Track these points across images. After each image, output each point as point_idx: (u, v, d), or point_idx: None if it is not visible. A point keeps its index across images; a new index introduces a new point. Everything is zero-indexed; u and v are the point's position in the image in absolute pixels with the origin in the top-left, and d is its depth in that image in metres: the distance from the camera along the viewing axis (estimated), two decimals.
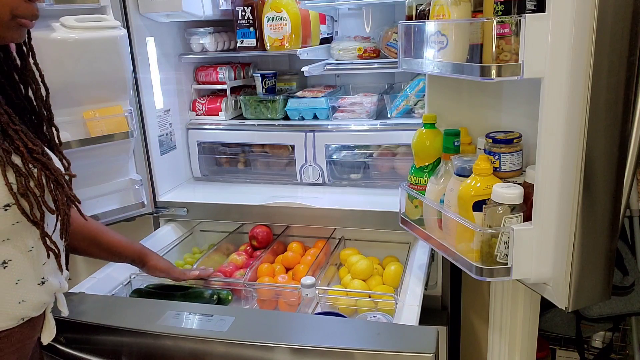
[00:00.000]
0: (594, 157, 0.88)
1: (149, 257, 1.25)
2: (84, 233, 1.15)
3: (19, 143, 0.81)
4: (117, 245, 1.20)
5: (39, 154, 0.83)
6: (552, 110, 0.88)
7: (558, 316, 1.85)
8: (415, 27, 1.10)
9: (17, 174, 0.78)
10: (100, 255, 1.21)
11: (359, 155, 1.73)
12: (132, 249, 1.23)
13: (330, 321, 1.04)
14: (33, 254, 0.84)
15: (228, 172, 1.88)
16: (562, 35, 0.85)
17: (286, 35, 1.67)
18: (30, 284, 0.85)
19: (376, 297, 1.28)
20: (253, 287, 1.31)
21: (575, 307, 0.96)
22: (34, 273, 0.85)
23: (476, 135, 1.17)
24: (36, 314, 0.88)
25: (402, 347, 0.87)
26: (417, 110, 1.66)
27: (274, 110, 1.79)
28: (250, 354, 0.92)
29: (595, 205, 0.90)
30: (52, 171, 0.84)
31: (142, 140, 1.61)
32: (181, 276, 1.26)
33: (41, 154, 0.83)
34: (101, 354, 0.98)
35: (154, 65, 1.65)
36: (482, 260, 0.98)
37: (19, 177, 0.78)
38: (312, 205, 1.54)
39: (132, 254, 1.23)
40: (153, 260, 1.25)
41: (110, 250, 1.20)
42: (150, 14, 1.57)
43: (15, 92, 0.93)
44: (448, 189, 1.08)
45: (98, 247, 1.18)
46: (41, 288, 0.87)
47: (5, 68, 0.92)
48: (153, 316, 1.00)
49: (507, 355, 1.29)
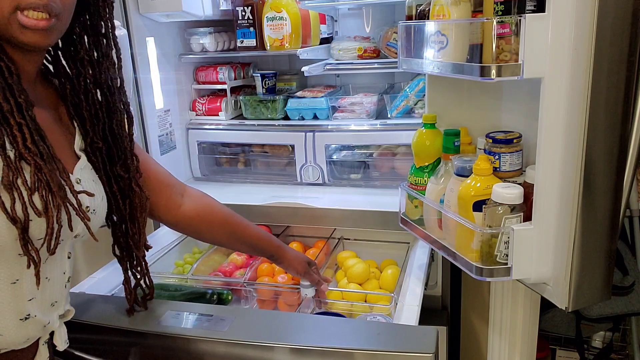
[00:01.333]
0: (594, 157, 0.88)
1: (288, 254, 1.25)
2: (227, 228, 1.17)
3: (17, 134, 0.73)
4: (258, 240, 1.21)
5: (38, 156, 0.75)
6: (552, 110, 0.88)
7: (558, 316, 1.85)
8: (415, 27, 1.10)
9: (5, 163, 0.71)
10: (241, 248, 1.27)
11: (359, 155, 1.73)
12: (272, 244, 1.24)
13: (330, 321, 1.04)
14: (17, 287, 0.77)
15: (228, 172, 1.88)
16: (562, 35, 0.85)
17: (286, 35, 1.67)
18: (7, 319, 0.78)
19: (372, 300, 1.28)
20: (253, 287, 1.32)
21: (575, 307, 0.96)
22: (15, 308, 0.78)
23: (476, 135, 1.17)
24: (18, 347, 0.81)
25: (402, 347, 0.87)
26: (417, 110, 1.66)
27: (274, 110, 1.79)
28: (250, 354, 0.92)
29: (595, 205, 0.90)
30: (45, 174, 0.75)
31: (142, 140, 1.61)
32: (317, 285, 1.26)
33: (41, 157, 0.75)
34: (101, 354, 0.98)
35: (154, 65, 1.65)
36: (482, 260, 0.98)
37: (6, 167, 0.71)
38: (312, 205, 1.54)
39: (272, 249, 1.23)
40: (291, 259, 1.25)
41: (251, 244, 1.21)
42: (150, 14, 1.57)
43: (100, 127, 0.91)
44: (448, 189, 1.08)
45: (240, 241, 1.20)
46: (24, 323, 0.80)
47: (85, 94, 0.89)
48: (153, 316, 1.00)
49: (507, 355, 1.29)
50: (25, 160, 0.74)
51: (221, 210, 1.17)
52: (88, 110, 0.90)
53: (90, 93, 0.90)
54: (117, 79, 0.93)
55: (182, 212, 1.11)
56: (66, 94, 0.90)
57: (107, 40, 0.91)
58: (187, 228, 1.16)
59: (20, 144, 0.73)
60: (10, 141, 0.73)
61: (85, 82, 0.90)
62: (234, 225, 1.18)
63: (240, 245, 1.23)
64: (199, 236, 1.20)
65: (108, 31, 0.91)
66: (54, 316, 0.86)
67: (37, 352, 0.86)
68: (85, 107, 0.90)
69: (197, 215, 1.13)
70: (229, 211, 1.19)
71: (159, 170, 1.10)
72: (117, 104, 0.93)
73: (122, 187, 0.96)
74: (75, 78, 0.90)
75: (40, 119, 0.79)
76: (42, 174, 0.75)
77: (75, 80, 0.90)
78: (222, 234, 1.18)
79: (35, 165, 0.74)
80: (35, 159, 0.74)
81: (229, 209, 1.19)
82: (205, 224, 1.15)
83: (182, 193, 1.13)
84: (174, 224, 1.14)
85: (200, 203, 1.15)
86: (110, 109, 0.93)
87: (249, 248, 1.24)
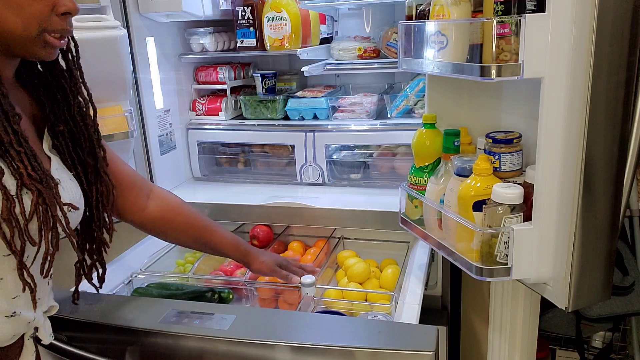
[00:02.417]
0: (594, 157, 0.88)
1: (253, 260, 1.24)
2: (190, 233, 1.17)
3: (19, 164, 0.76)
4: (224, 246, 1.21)
5: (38, 181, 0.78)
6: (552, 110, 0.89)
7: (558, 316, 1.85)
8: (415, 27, 1.10)
9: (4, 197, 0.74)
10: (208, 252, 1.27)
11: (359, 155, 1.73)
12: (238, 250, 1.23)
13: (330, 320, 1.04)
14: (1, 286, 0.79)
15: (228, 172, 1.89)
16: (562, 35, 0.85)
17: (286, 35, 1.67)
18: None
19: (372, 299, 1.28)
20: (253, 286, 1.32)
21: (575, 307, 0.96)
22: (0, 306, 0.80)
23: (476, 135, 1.17)
24: (4, 344, 0.83)
25: (403, 346, 0.87)
26: (417, 110, 1.66)
27: (274, 110, 1.79)
28: (251, 352, 0.92)
29: (595, 205, 0.91)
30: (45, 199, 0.78)
31: (142, 140, 1.61)
32: (286, 279, 1.25)
33: (40, 182, 0.78)
34: (102, 353, 0.98)
35: (154, 65, 1.65)
36: (482, 260, 0.98)
37: (5, 200, 0.74)
38: (312, 205, 1.54)
39: (238, 255, 1.24)
40: (257, 263, 1.24)
41: (216, 249, 1.22)
42: (150, 14, 1.57)
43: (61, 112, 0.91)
44: (448, 189, 1.08)
45: (205, 246, 1.22)
46: (10, 320, 0.81)
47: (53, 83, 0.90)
48: (154, 315, 1.00)
49: (507, 355, 1.29)
50: (27, 188, 0.76)
51: (187, 213, 1.17)
52: (45, 95, 0.90)
53: (44, 75, 0.90)
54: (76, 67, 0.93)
55: (146, 214, 1.12)
56: (24, 80, 0.90)
57: None
58: (152, 230, 1.17)
59: (25, 175, 0.76)
60: (12, 172, 0.76)
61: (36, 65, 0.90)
62: (199, 229, 1.18)
63: (206, 249, 1.24)
64: (165, 238, 1.21)
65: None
66: (38, 312, 0.88)
67: (23, 346, 0.88)
68: (42, 91, 0.90)
69: (162, 218, 1.14)
70: (196, 215, 1.19)
71: (125, 170, 1.10)
72: (75, 91, 0.93)
73: (89, 174, 0.96)
74: (27, 64, 0.90)
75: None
76: (42, 199, 0.77)
77: (27, 65, 0.90)
78: (187, 238, 1.18)
79: (37, 193, 0.77)
80: (37, 185, 0.77)
81: (196, 212, 1.20)
82: (170, 227, 1.16)
83: (149, 194, 1.14)
84: (138, 226, 1.15)
85: (165, 206, 1.15)
86: (67, 92, 0.92)
87: (214, 252, 1.24)
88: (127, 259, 1.43)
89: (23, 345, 0.88)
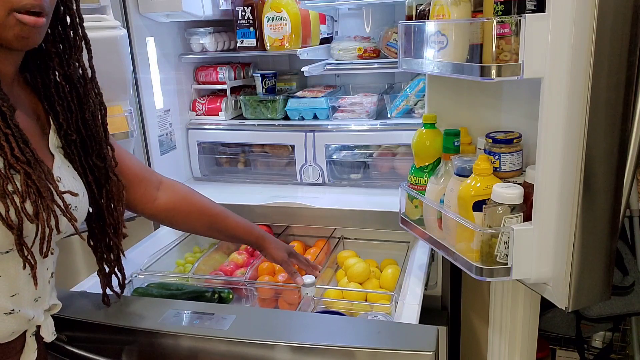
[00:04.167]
0: (594, 157, 0.88)
1: (268, 244, 1.27)
2: (203, 219, 1.19)
3: (4, 144, 0.75)
4: (238, 230, 1.23)
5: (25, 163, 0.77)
6: (552, 111, 0.89)
7: (558, 316, 1.85)
8: (415, 27, 1.11)
9: None
10: (222, 238, 1.29)
11: (359, 155, 1.73)
12: (252, 234, 1.25)
13: (330, 320, 1.04)
14: (1, 283, 0.79)
15: (228, 172, 1.89)
16: (562, 35, 0.85)
17: (286, 35, 1.67)
18: None
19: (372, 299, 1.28)
20: (253, 286, 1.32)
21: (575, 307, 0.96)
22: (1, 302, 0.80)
23: (476, 135, 1.17)
24: (4, 341, 0.83)
25: (403, 346, 0.87)
26: (417, 110, 1.66)
27: (274, 110, 1.79)
28: (251, 352, 0.92)
29: (595, 205, 0.90)
30: (34, 181, 0.77)
31: (142, 140, 1.61)
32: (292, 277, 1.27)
33: (28, 164, 0.77)
34: (102, 352, 0.98)
35: (154, 65, 1.65)
36: (482, 260, 0.98)
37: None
38: (312, 205, 1.54)
39: (252, 239, 1.26)
40: (271, 248, 1.27)
41: (230, 234, 1.24)
42: (150, 14, 1.57)
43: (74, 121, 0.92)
44: (448, 189, 1.08)
45: (218, 231, 1.23)
46: (9, 317, 0.81)
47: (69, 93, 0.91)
48: (154, 315, 1.00)
49: (507, 355, 1.29)
50: (14, 169, 0.76)
51: (199, 201, 1.19)
52: (60, 104, 0.91)
53: (60, 85, 0.91)
54: (88, 70, 0.94)
55: (157, 205, 1.13)
56: (38, 87, 0.90)
57: (74, 32, 0.91)
58: (164, 220, 1.18)
59: (8, 154, 0.76)
60: None
61: (54, 74, 0.91)
62: (211, 215, 1.20)
63: (219, 234, 1.25)
64: (178, 227, 1.24)
65: (75, 23, 0.91)
66: (39, 311, 0.88)
67: (24, 344, 0.88)
68: (57, 100, 0.90)
69: (173, 208, 1.16)
70: (207, 201, 1.20)
71: (134, 164, 1.11)
72: (89, 95, 0.94)
73: (98, 177, 0.97)
74: (44, 71, 0.90)
75: (20, 121, 0.80)
76: (31, 181, 0.77)
77: (44, 73, 0.90)
78: (200, 225, 1.20)
79: (25, 173, 0.77)
80: (24, 167, 0.77)
81: (207, 199, 1.21)
82: (182, 216, 1.17)
83: (158, 186, 1.15)
84: (150, 217, 1.17)
85: (176, 195, 1.17)
86: (82, 100, 0.93)
87: (228, 238, 1.27)
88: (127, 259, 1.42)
89: (25, 342, 0.88)
